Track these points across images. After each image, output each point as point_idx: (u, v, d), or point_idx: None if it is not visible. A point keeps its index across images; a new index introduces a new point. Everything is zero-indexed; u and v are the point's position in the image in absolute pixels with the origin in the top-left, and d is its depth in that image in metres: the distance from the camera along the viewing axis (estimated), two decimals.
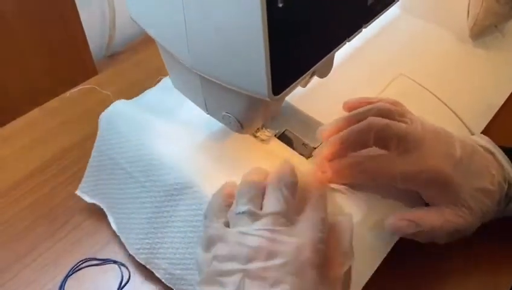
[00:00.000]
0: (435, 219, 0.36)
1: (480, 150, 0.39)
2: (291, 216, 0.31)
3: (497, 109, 0.51)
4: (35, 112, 0.58)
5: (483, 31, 0.53)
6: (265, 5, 0.23)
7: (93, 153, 0.47)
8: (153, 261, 0.42)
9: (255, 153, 0.40)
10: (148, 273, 0.45)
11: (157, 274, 0.42)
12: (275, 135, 0.43)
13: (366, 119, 0.36)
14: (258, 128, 0.40)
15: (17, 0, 0.51)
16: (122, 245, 0.46)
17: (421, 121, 0.38)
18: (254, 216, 0.31)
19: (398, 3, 0.56)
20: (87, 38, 0.61)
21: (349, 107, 0.40)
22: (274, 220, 0.30)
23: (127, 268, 0.45)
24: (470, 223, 0.37)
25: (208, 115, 0.37)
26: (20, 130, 0.56)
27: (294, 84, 0.29)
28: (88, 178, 0.47)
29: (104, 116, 0.46)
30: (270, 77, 0.26)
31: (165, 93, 0.45)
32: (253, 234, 0.30)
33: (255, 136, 0.41)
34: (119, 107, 0.45)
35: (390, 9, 0.56)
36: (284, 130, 0.44)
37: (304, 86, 0.39)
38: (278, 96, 0.28)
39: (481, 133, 0.48)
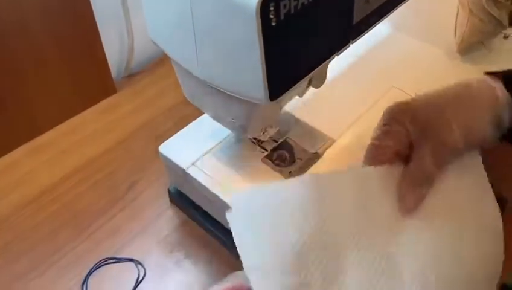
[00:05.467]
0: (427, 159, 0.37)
1: (475, 85, 0.40)
2: None
3: None
4: (60, 127, 0.63)
5: (470, 47, 0.57)
6: (261, 24, 0.28)
7: None
8: None
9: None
10: (162, 271, 0.49)
11: None
12: (277, 142, 0.48)
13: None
14: (261, 129, 0.45)
15: (48, 27, 0.57)
16: (138, 246, 0.51)
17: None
18: None
19: (391, 23, 0.62)
20: (108, 60, 0.66)
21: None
22: None
23: (143, 266, 0.49)
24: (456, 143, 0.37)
25: None
26: (47, 143, 0.61)
27: (288, 91, 0.33)
28: None
29: None
30: (266, 84, 0.31)
31: None
32: None
33: (255, 138, 0.46)
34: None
35: (383, 29, 0.62)
36: (285, 137, 0.48)
37: (301, 95, 0.43)
38: (274, 101, 0.32)
39: None
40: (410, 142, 0.38)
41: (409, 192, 0.37)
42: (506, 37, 0.58)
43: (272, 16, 0.28)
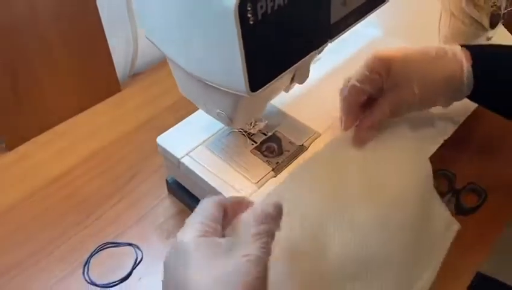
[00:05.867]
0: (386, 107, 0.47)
1: (433, 46, 0.48)
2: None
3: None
4: (68, 122, 0.68)
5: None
6: (239, 23, 0.32)
7: None
8: None
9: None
10: (158, 255, 0.52)
11: None
12: (266, 134, 0.51)
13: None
14: (251, 123, 0.48)
15: (59, 31, 0.62)
16: (137, 232, 0.54)
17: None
18: None
19: (380, 26, 0.65)
20: (114, 61, 0.71)
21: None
22: None
23: (140, 250, 0.53)
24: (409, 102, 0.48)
25: None
26: (56, 137, 0.66)
27: (269, 84, 0.37)
28: None
29: None
30: (247, 78, 0.35)
31: None
32: None
33: (246, 131, 0.49)
34: None
35: (372, 32, 0.65)
36: (274, 131, 0.52)
37: (287, 91, 0.47)
38: (255, 93, 0.36)
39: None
40: (381, 89, 0.47)
41: (363, 130, 0.48)
42: (489, 39, 0.60)
43: (249, 15, 0.32)
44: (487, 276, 0.63)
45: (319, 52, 0.42)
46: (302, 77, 0.43)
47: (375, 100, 0.48)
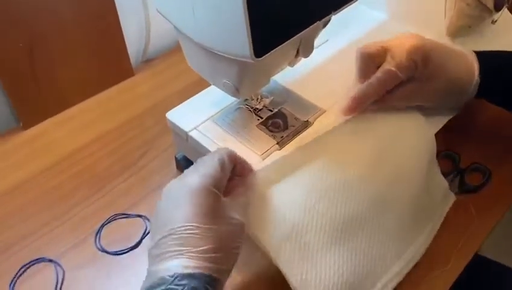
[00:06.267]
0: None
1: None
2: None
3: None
4: (83, 104, 0.70)
5: (458, 31, 0.60)
6: None
7: None
8: None
9: None
10: None
11: None
12: (272, 111, 0.53)
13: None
14: (257, 99, 0.50)
15: (75, 17, 0.64)
16: (146, 205, 0.56)
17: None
18: None
19: (386, 9, 0.66)
20: (127, 46, 0.73)
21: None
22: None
23: (149, 221, 0.55)
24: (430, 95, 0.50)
25: None
26: (72, 117, 0.68)
27: (272, 51, 0.38)
28: None
29: None
30: (251, 43, 0.36)
31: None
32: None
33: (252, 107, 0.51)
34: None
35: (378, 15, 0.66)
36: (280, 107, 0.53)
37: (292, 65, 0.48)
38: (259, 59, 0.37)
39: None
40: (412, 77, 0.48)
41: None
42: (494, 22, 0.61)
43: None
44: (486, 258, 0.63)
45: (324, 25, 0.43)
46: (306, 50, 0.45)
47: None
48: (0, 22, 0.58)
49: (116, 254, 0.52)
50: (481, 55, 0.51)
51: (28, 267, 0.50)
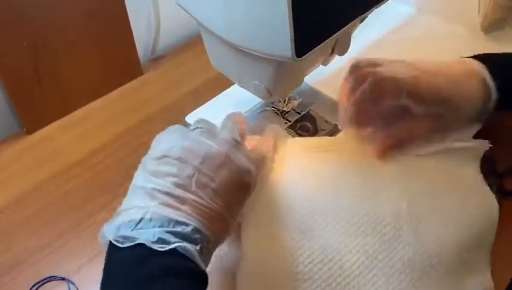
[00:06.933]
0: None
1: (451, 62, 0.43)
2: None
3: None
4: (91, 105, 0.66)
5: (493, 24, 0.57)
6: None
7: None
8: None
9: None
10: None
11: None
12: (300, 113, 0.49)
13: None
14: (285, 101, 0.46)
15: (80, 13, 0.60)
16: None
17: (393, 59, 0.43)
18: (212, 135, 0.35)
19: (413, 3, 0.62)
20: (136, 43, 0.69)
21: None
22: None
23: None
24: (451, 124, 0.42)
25: None
26: (76, 121, 0.64)
27: (315, 49, 0.34)
28: None
29: None
30: (293, 41, 0.32)
31: None
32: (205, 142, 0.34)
33: (279, 110, 0.47)
34: None
35: (404, 8, 0.62)
36: (308, 109, 0.50)
37: (325, 64, 0.44)
38: (300, 58, 0.33)
39: None
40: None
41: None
42: None
43: None
44: None
45: (361, 21, 0.39)
46: (343, 47, 0.41)
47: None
48: (4, 21, 0.54)
49: None
50: (495, 68, 0.44)
51: (38, 287, 0.46)
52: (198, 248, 0.31)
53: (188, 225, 0.31)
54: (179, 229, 0.31)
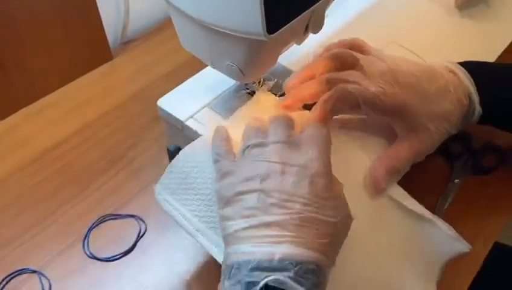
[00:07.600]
0: (405, 154, 0.39)
1: (439, 70, 0.41)
2: (294, 144, 0.34)
3: None
4: (58, 92, 0.63)
5: (467, 2, 0.57)
6: None
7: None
8: None
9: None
10: (163, 227, 0.49)
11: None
12: (276, 94, 0.48)
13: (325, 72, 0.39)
14: (259, 82, 0.45)
15: None
16: (138, 203, 0.51)
17: (379, 57, 0.41)
18: (262, 146, 0.34)
19: None
20: (104, 27, 0.66)
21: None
22: (280, 147, 0.33)
23: (144, 222, 0.50)
24: (429, 147, 0.40)
25: None
26: (46, 107, 0.61)
27: (285, 27, 0.33)
28: None
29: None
30: (264, 17, 0.31)
31: None
32: (263, 159, 0.33)
33: (254, 91, 0.46)
34: None
35: None
36: (284, 91, 0.48)
37: (299, 43, 0.43)
38: (272, 35, 0.32)
39: None
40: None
41: (384, 176, 0.39)
42: None
43: None
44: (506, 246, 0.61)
45: None
46: (317, 25, 0.40)
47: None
48: None
49: (107, 260, 0.47)
50: (483, 81, 0.43)
51: (9, 280, 0.45)
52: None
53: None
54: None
